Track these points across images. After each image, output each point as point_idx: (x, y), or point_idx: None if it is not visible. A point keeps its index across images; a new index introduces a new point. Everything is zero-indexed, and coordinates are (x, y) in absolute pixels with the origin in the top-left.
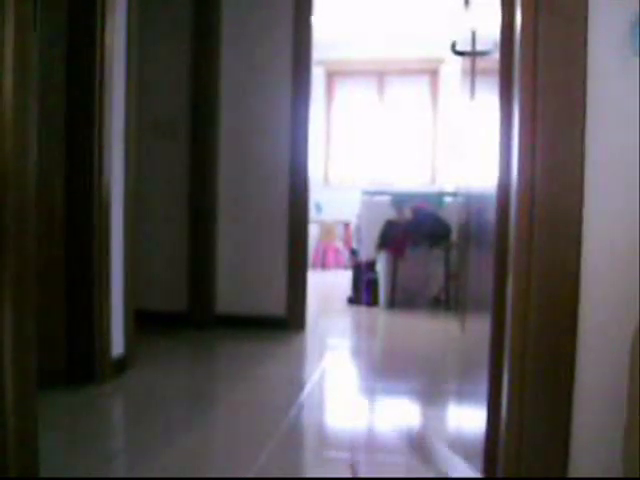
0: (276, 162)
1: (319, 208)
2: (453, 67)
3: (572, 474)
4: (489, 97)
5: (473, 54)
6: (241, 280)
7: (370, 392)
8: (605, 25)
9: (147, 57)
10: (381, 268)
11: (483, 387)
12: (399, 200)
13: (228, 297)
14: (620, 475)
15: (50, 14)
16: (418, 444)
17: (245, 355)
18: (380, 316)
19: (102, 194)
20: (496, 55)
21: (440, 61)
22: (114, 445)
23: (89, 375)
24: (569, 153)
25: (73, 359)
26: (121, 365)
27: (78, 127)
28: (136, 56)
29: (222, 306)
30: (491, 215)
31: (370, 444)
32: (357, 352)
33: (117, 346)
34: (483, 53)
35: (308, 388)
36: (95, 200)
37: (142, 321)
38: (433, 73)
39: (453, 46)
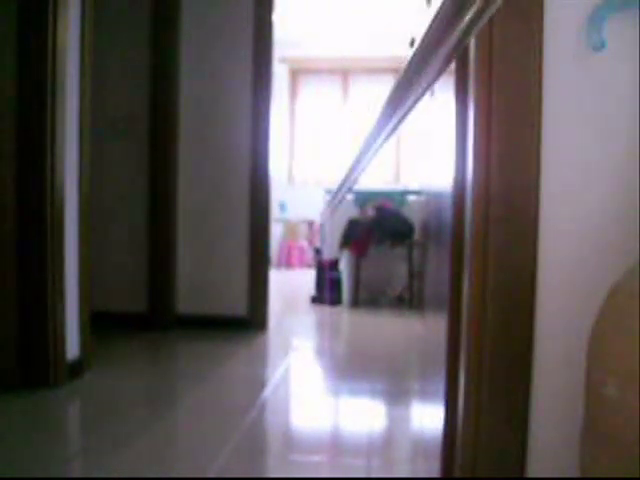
0: (237, 161)
1: (284, 207)
2: None
3: (530, 474)
4: (447, 95)
5: None
6: (202, 280)
7: (333, 392)
8: (561, 21)
9: (104, 55)
10: (344, 267)
11: (442, 386)
12: (362, 199)
13: (189, 298)
14: (577, 475)
15: None
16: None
17: (205, 356)
18: (343, 315)
19: (55, 194)
20: None
21: (404, 60)
22: (68, 449)
23: (43, 379)
24: (525, 151)
25: (26, 362)
26: (77, 368)
27: (30, 127)
28: (90, 53)
29: (183, 307)
30: (449, 213)
31: (334, 446)
32: (320, 352)
33: (72, 349)
34: None
35: (269, 389)
36: (47, 200)
37: (102, 323)
38: (396, 72)
39: (412, 43)
